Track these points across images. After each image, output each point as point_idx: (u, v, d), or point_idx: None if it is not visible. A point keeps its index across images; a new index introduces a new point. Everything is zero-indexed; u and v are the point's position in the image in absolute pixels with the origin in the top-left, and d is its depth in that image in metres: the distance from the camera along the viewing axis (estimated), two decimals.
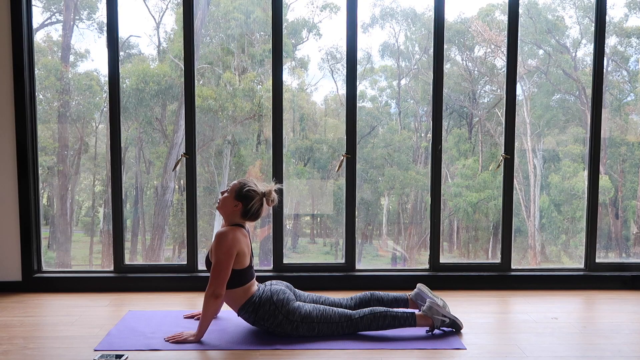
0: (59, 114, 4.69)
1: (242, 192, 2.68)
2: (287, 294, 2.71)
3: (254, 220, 2.76)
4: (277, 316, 2.65)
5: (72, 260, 5.05)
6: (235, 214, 2.70)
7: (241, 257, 2.65)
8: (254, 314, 2.67)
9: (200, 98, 4.83)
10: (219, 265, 2.59)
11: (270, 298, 2.67)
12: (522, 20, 4.05)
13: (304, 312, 2.68)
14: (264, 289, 2.74)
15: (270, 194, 2.72)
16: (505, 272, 3.74)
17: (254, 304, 2.68)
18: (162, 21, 5.06)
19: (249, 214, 2.69)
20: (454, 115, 5.57)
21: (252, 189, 2.69)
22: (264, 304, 2.66)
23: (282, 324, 2.65)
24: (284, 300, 2.67)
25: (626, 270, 3.76)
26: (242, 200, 2.68)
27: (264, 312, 2.65)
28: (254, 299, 2.68)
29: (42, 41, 4.78)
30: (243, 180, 2.73)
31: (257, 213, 2.71)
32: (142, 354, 2.49)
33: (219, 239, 2.61)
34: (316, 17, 5.26)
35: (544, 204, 5.29)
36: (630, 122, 5.07)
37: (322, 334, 2.69)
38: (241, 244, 2.64)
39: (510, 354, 2.50)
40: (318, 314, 2.69)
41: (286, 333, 2.68)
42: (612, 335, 2.77)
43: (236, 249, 2.61)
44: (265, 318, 2.66)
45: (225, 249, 2.59)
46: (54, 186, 4.94)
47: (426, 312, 2.75)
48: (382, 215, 5.61)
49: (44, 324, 2.94)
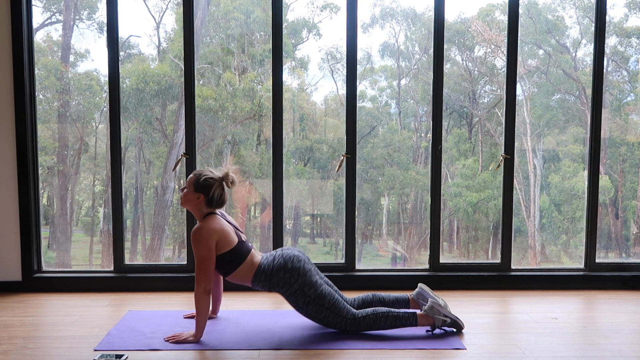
0: (59, 114, 4.69)
1: (200, 183, 2.67)
2: (302, 262, 2.69)
3: (221, 206, 2.74)
4: (292, 284, 2.64)
5: (72, 260, 5.04)
6: (201, 206, 2.69)
7: (224, 240, 2.64)
8: (268, 281, 2.67)
9: (200, 98, 4.83)
10: (202, 261, 2.59)
11: (284, 265, 2.66)
12: (522, 20, 4.05)
13: (319, 292, 2.67)
14: (275, 254, 2.73)
15: (228, 176, 2.71)
16: (505, 272, 3.74)
17: (264, 272, 2.67)
18: (162, 21, 5.07)
19: (214, 202, 2.69)
20: (454, 115, 5.57)
21: (209, 176, 2.69)
22: (277, 271, 2.65)
23: (296, 293, 2.65)
24: (300, 270, 2.66)
25: (626, 270, 3.76)
26: (202, 190, 2.67)
27: (278, 279, 2.65)
28: (263, 267, 2.68)
29: (42, 41, 4.78)
30: (198, 171, 2.72)
31: (221, 199, 2.71)
32: (142, 354, 2.49)
33: (194, 236, 2.61)
34: (316, 17, 5.26)
35: (544, 204, 5.29)
36: (630, 122, 5.07)
37: (326, 321, 2.70)
38: (218, 232, 2.63)
39: (510, 354, 2.50)
40: (331, 300, 2.69)
41: (297, 305, 2.68)
42: (612, 335, 2.77)
43: (214, 240, 2.61)
44: (280, 285, 2.65)
45: (203, 244, 2.59)
46: (54, 186, 4.94)
47: (427, 311, 2.76)
48: (382, 215, 5.61)
49: (44, 324, 2.94)
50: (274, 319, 2.99)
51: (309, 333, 2.76)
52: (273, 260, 2.70)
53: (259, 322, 2.94)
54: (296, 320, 2.95)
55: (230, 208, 4.95)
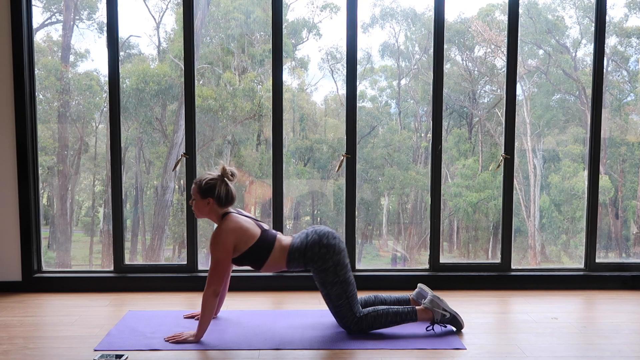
0: (59, 114, 4.69)
1: (203, 188, 2.68)
2: (337, 240, 2.70)
3: (232, 203, 2.74)
4: (327, 261, 2.65)
5: (72, 260, 5.05)
6: (214, 210, 2.70)
7: (245, 236, 2.65)
8: (303, 257, 2.67)
9: (200, 98, 4.83)
10: (217, 263, 2.60)
11: (319, 241, 2.66)
12: (522, 20, 4.05)
13: (347, 276, 2.69)
14: (308, 231, 2.73)
15: (226, 171, 2.71)
16: (505, 272, 3.74)
17: (298, 249, 2.68)
18: (162, 21, 5.07)
19: (224, 200, 2.69)
20: (454, 115, 5.57)
21: (209, 178, 2.69)
22: (311, 246, 2.66)
23: (328, 270, 2.65)
24: (336, 247, 2.67)
25: (626, 270, 3.76)
26: (208, 194, 2.68)
27: (313, 254, 2.65)
28: (296, 245, 2.68)
29: (42, 41, 4.78)
30: (197, 179, 2.73)
31: (229, 195, 2.70)
32: (142, 354, 2.49)
33: (212, 239, 2.63)
34: (316, 17, 5.26)
35: (544, 204, 5.29)
36: (630, 122, 5.07)
37: (338, 310, 2.70)
38: (236, 232, 2.63)
39: (510, 354, 2.50)
40: (352, 290, 2.71)
41: (323, 282, 2.67)
42: (612, 335, 2.77)
43: (232, 243, 2.62)
44: (314, 260, 2.65)
45: (220, 246, 2.60)
46: (54, 186, 4.94)
47: (427, 305, 2.77)
48: (382, 215, 5.61)
49: (44, 324, 2.94)
50: (274, 319, 2.99)
51: (309, 333, 2.76)
52: (306, 237, 2.70)
53: (259, 322, 2.94)
54: (296, 320, 2.95)
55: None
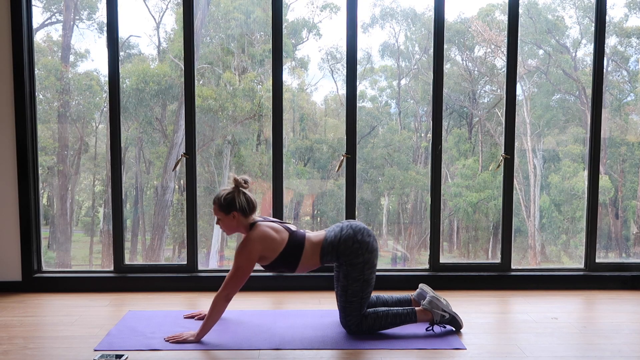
0: (59, 114, 4.69)
1: (224, 203, 2.67)
2: (371, 239, 2.70)
3: (255, 210, 2.74)
4: (358, 256, 2.64)
5: (72, 260, 5.05)
6: (241, 222, 2.69)
7: (273, 243, 2.64)
8: (335, 251, 2.66)
9: (200, 98, 4.83)
10: (238, 270, 2.59)
11: (354, 236, 2.66)
12: (522, 20, 4.05)
13: (371, 278, 2.70)
14: (342, 225, 2.73)
15: (238, 181, 2.70)
16: (505, 272, 3.74)
17: (331, 243, 2.67)
18: (162, 21, 5.07)
19: (247, 210, 2.69)
20: (454, 115, 5.57)
21: (225, 194, 2.69)
22: (345, 240, 2.65)
23: (356, 266, 2.65)
24: (369, 246, 2.67)
25: (626, 270, 3.76)
26: (230, 208, 2.67)
27: (346, 247, 2.65)
28: (329, 239, 2.68)
29: (42, 41, 4.78)
30: (215, 198, 2.72)
31: (249, 203, 2.70)
32: (142, 354, 2.49)
33: (240, 246, 2.63)
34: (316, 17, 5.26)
35: (544, 204, 5.29)
36: (630, 122, 5.07)
37: (349, 306, 2.69)
38: (263, 241, 2.63)
39: (510, 354, 2.50)
40: (369, 292, 2.72)
41: (347, 275, 2.66)
42: (612, 335, 2.77)
43: (257, 253, 2.63)
44: (346, 253, 2.65)
45: (245, 255, 2.60)
46: (54, 186, 4.95)
47: (426, 306, 2.77)
48: (382, 215, 5.61)
49: (44, 324, 2.94)
50: (274, 319, 2.99)
51: (309, 333, 2.76)
52: (340, 230, 2.70)
53: (259, 322, 2.94)
54: (296, 320, 2.95)
55: None
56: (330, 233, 2.72)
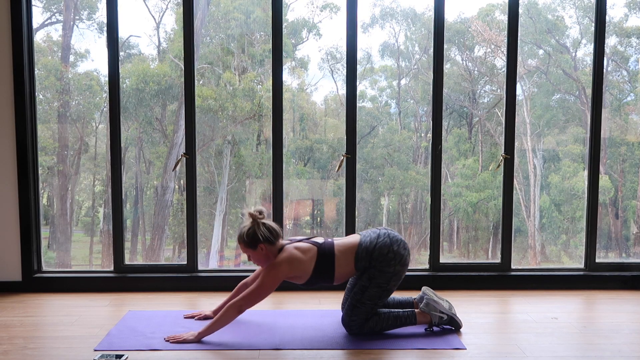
0: (59, 114, 4.69)
1: (250, 239, 2.66)
2: (407, 252, 2.71)
3: (279, 235, 2.72)
4: (390, 265, 2.64)
5: (72, 260, 5.05)
6: (270, 250, 2.68)
7: (303, 264, 2.64)
8: (369, 256, 2.65)
9: (200, 98, 4.83)
10: (261, 289, 2.60)
11: (390, 245, 2.66)
12: (522, 20, 4.06)
13: (391, 289, 2.70)
14: (379, 232, 2.72)
15: (254, 215, 2.69)
16: (505, 272, 3.74)
17: (366, 248, 2.66)
18: (162, 21, 5.07)
19: (271, 239, 2.67)
20: (454, 115, 5.57)
21: (246, 229, 2.67)
22: (380, 247, 2.64)
23: (384, 274, 2.64)
24: (403, 259, 2.68)
25: (626, 270, 3.76)
26: (256, 243, 2.66)
27: (380, 254, 2.64)
28: (364, 245, 2.67)
29: (42, 41, 4.78)
30: (238, 237, 2.71)
31: (272, 232, 2.68)
32: (142, 354, 2.49)
33: (269, 267, 2.63)
34: (316, 17, 5.26)
35: (544, 203, 5.29)
36: (630, 122, 5.07)
37: (358, 306, 2.68)
38: (292, 265, 2.62)
39: (510, 354, 2.50)
40: (384, 301, 2.72)
41: (371, 279, 2.65)
42: (612, 335, 2.77)
43: (286, 275, 2.64)
44: (379, 260, 2.64)
45: (272, 276, 2.61)
46: (54, 186, 4.95)
47: (423, 308, 2.77)
48: (382, 215, 5.61)
49: (44, 324, 2.94)
50: (274, 319, 2.99)
51: (309, 333, 2.76)
52: (377, 237, 2.69)
53: (259, 322, 2.94)
54: (296, 320, 2.95)
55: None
56: (366, 238, 2.70)
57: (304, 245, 2.71)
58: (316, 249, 2.68)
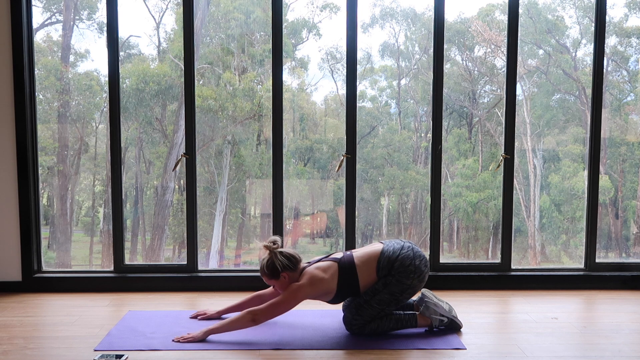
0: (59, 114, 4.69)
1: (271, 270, 2.68)
2: (427, 270, 2.73)
3: (299, 260, 2.73)
4: (407, 278, 2.65)
5: (72, 260, 5.05)
6: (292, 277, 2.70)
7: (326, 285, 2.66)
8: (391, 265, 2.66)
9: (200, 98, 4.83)
10: (280, 306, 2.62)
11: (412, 258, 2.68)
12: (522, 20, 4.06)
13: (402, 300, 2.71)
14: (403, 244, 2.74)
15: (270, 247, 2.72)
16: (505, 272, 3.74)
17: (388, 257, 2.68)
18: (162, 21, 5.07)
19: (292, 264, 2.69)
20: (454, 115, 5.57)
21: (265, 262, 2.70)
22: (402, 258, 2.66)
23: (400, 284, 2.65)
24: (422, 275, 2.69)
25: (626, 270, 3.76)
26: (278, 271, 2.68)
27: (400, 265, 2.65)
28: (387, 253, 2.68)
29: (42, 41, 4.78)
30: (260, 270, 2.74)
31: (290, 259, 2.70)
32: (142, 354, 2.49)
33: (294, 288, 2.64)
34: (316, 17, 5.26)
35: (544, 203, 5.29)
36: (630, 122, 5.07)
37: (365, 307, 2.68)
38: (313, 286, 2.64)
39: (510, 354, 2.50)
40: (390, 309, 2.73)
41: (385, 284, 2.66)
42: (612, 335, 2.77)
43: (307, 296, 2.66)
44: (399, 270, 2.65)
45: (292, 297, 2.62)
46: (54, 186, 4.95)
47: (424, 312, 2.77)
48: (382, 215, 5.61)
49: (44, 324, 2.94)
50: (273, 319, 2.98)
51: (309, 333, 2.76)
52: (401, 248, 2.70)
53: None
54: (296, 320, 2.95)
55: None
56: (389, 247, 2.72)
57: (323, 264, 2.73)
58: (336, 265, 2.71)
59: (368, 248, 2.79)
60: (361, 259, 2.72)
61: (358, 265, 2.69)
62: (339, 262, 2.72)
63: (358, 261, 2.71)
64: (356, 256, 2.73)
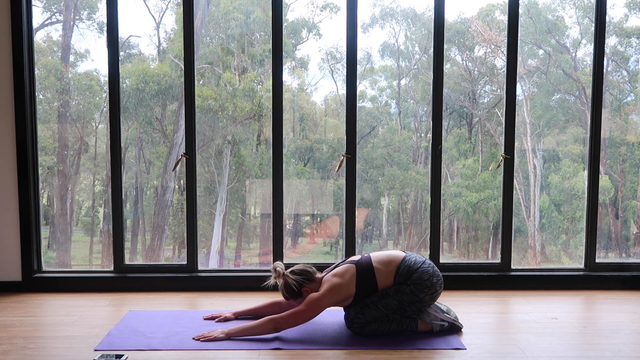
0: (59, 114, 4.69)
1: (291, 292, 2.73)
2: (440, 290, 2.76)
3: (313, 272, 2.77)
4: (422, 292, 2.67)
5: (72, 260, 5.04)
6: (313, 287, 2.73)
7: (344, 290, 2.69)
8: (410, 274, 2.68)
9: (200, 98, 4.83)
10: (302, 314, 2.64)
11: (430, 275, 2.70)
12: (522, 20, 4.05)
13: (409, 312, 2.72)
14: (425, 260, 2.77)
15: (278, 272, 2.75)
16: (505, 272, 3.74)
17: (408, 266, 2.70)
18: (162, 21, 5.07)
19: (306, 280, 2.73)
20: (454, 115, 5.57)
21: (283, 286, 2.75)
22: (422, 272, 2.69)
23: (413, 295, 2.67)
24: (434, 293, 2.72)
25: (626, 270, 3.76)
26: (298, 289, 2.71)
27: (418, 277, 2.67)
28: (408, 262, 2.71)
29: (42, 41, 4.78)
30: (282, 295, 2.78)
31: (303, 274, 2.73)
32: (142, 354, 2.49)
33: (316, 296, 2.66)
34: (316, 17, 5.26)
35: (544, 204, 5.29)
36: (630, 122, 5.07)
37: (371, 308, 2.69)
38: (332, 293, 2.67)
39: (510, 354, 2.50)
40: (395, 317, 2.73)
41: (397, 293, 2.67)
42: (612, 335, 2.77)
43: (328, 305, 2.68)
44: (415, 282, 2.67)
45: (314, 306, 2.65)
46: (54, 186, 4.94)
47: (424, 318, 2.78)
48: (382, 215, 5.61)
49: (44, 324, 2.94)
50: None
51: (309, 333, 2.76)
52: (423, 262, 2.74)
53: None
54: None
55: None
56: (411, 258, 2.75)
57: (341, 269, 2.75)
58: (354, 267, 2.72)
59: (388, 252, 2.81)
60: (380, 262, 2.73)
61: (377, 268, 2.71)
62: (357, 264, 2.73)
63: (377, 264, 2.72)
64: (374, 258, 2.75)
